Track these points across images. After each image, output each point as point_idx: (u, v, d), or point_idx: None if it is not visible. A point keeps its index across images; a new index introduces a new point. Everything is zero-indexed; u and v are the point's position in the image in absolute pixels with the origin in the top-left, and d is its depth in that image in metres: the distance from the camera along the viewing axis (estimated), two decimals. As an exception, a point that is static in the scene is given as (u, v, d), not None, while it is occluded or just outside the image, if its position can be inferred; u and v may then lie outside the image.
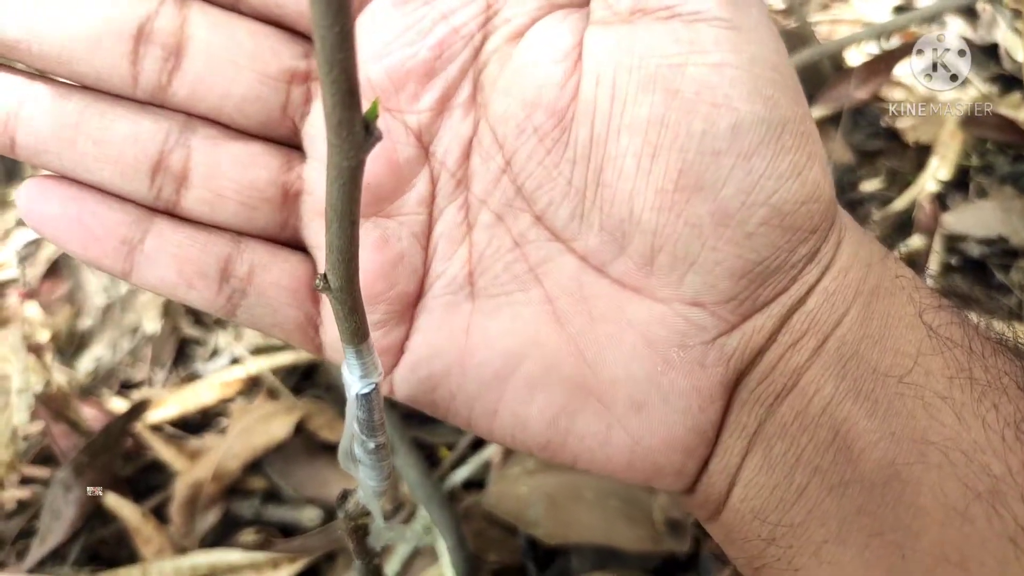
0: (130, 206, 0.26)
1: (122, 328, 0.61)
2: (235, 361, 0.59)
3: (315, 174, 0.26)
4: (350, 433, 0.23)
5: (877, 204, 0.62)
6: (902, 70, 0.66)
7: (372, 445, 0.22)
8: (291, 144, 0.27)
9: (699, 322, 0.24)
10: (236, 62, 0.25)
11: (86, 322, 0.62)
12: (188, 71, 0.24)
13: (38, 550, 0.51)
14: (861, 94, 0.63)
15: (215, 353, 0.60)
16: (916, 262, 0.58)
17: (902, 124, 0.65)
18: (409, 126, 0.25)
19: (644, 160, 0.23)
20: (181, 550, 0.52)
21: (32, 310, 0.61)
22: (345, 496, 0.26)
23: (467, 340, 0.26)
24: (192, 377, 0.59)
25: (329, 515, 0.52)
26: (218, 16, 0.25)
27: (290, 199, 0.26)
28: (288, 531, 0.52)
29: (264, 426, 0.53)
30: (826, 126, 0.65)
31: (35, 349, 0.54)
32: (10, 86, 0.24)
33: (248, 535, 0.52)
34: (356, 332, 0.20)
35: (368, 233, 0.26)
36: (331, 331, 0.27)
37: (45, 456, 0.55)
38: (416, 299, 0.27)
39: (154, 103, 0.25)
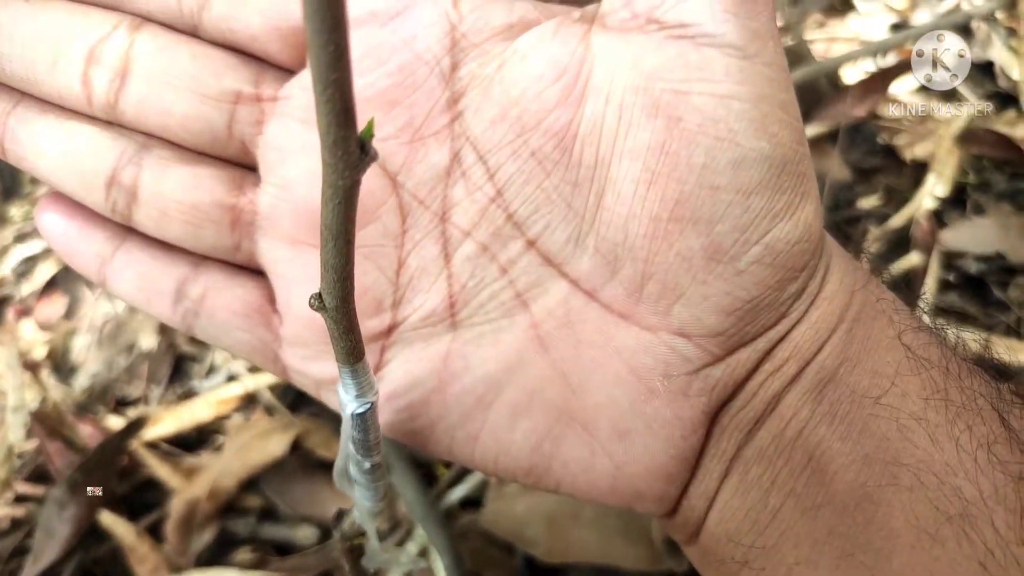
0: (108, 224, 0.28)
1: (118, 345, 0.61)
2: (231, 378, 0.59)
3: (268, 198, 0.26)
4: (345, 453, 0.23)
5: (874, 221, 0.62)
6: (899, 87, 0.66)
7: (368, 465, 0.22)
8: (246, 164, 0.27)
9: (684, 353, 0.24)
10: (175, 83, 0.26)
11: (82, 339, 0.62)
12: (132, 91, 0.26)
13: (31, 569, 0.51)
14: (858, 111, 0.64)
15: (211, 370, 0.60)
16: (913, 279, 0.58)
17: (899, 141, 0.65)
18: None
19: (641, 186, 0.23)
20: (176, 569, 0.52)
21: (28, 327, 0.61)
22: (340, 516, 0.26)
23: (446, 368, 0.26)
24: (188, 394, 0.59)
25: (325, 534, 0.52)
26: (166, 40, 0.26)
27: (241, 223, 0.27)
28: (284, 550, 0.52)
29: (260, 443, 0.53)
30: (823, 143, 0.65)
31: (31, 366, 0.54)
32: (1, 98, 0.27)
33: (244, 554, 0.51)
34: (351, 352, 0.20)
35: None
36: (292, 355, 0.27)
37: (40, 474, 0.54)
38: (387, 332, 0.26)
39: (112, 121, 0.27)
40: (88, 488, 0.50)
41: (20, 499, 0.53)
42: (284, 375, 0.28)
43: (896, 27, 0.72)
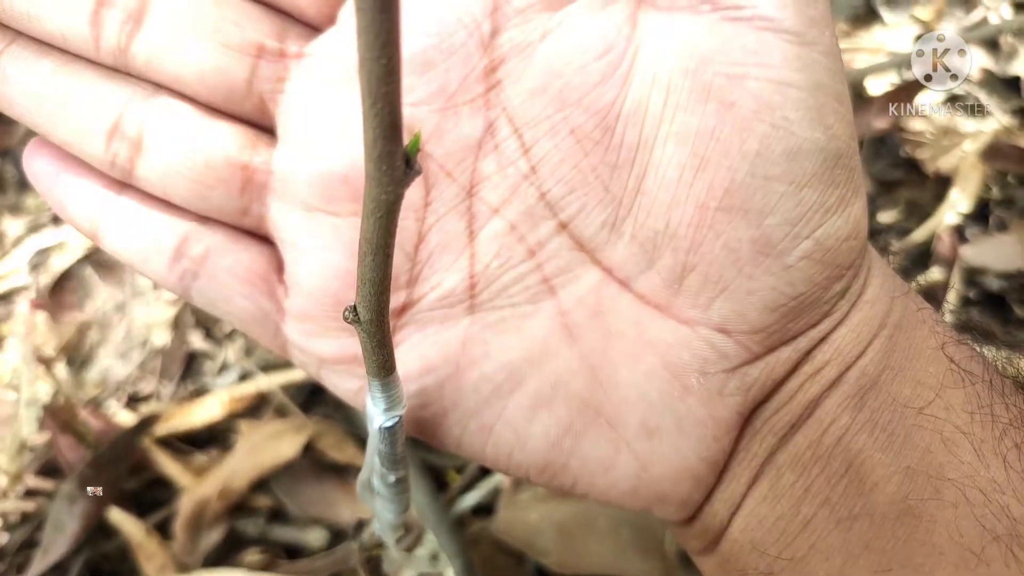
0: (104, 174, 0.26)
1: (131, 340, 0.61)
2: (244, 377, 0.59)
3: (284, 160, 0.25)
4: (370, 465, 0.22)
5: (896, 235, 0.62)
6: (924, 100, 0.65)
7: (392, 479, 0.22)
8: (261, 126, 0.26)
9: (723, 349, 0.23)
10: (195, 29, 0.24)
11: (95, 333, 0.61)
12: (147, 35, 0.24)
13: (40, 563, 0.51)
14: (881, 123, 0.63)
15: (224, 368, 0.60)
16: (934, 295, 0.57)
17: (922, 155, 0.64)
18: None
19: (688, 172, 0.22)
20: (184, 568, 0.51)
21: (42, 320, 0.60)
22: (360, 526, 0.25)
23: (464, 353, 0.24)
24: (200, 391, 0.59)
25: (335, 537, 0.52)
26: None
27: (254, 185, 0.25)
28: (293, 552, 0.51)
29: (272, 444, 0.53)
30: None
31: (44, 360, 0.54)
32: None
33: (252, 554, 0.51)
34: (383, 366, 0.19)
35: (341, 235, 0.24)
36: (296, 329, 0.25)
37: (51, 468, 0.54)
38: (400, 311, 0.25)
39: (118, 68, 0.25)
40: (88, 488, 0.50)
41: (31, 493, 0.53)
42: (283, 350, 0.26)
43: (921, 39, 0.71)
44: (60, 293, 0.64)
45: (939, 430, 0.22)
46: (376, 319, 0.18)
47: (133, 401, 0.58)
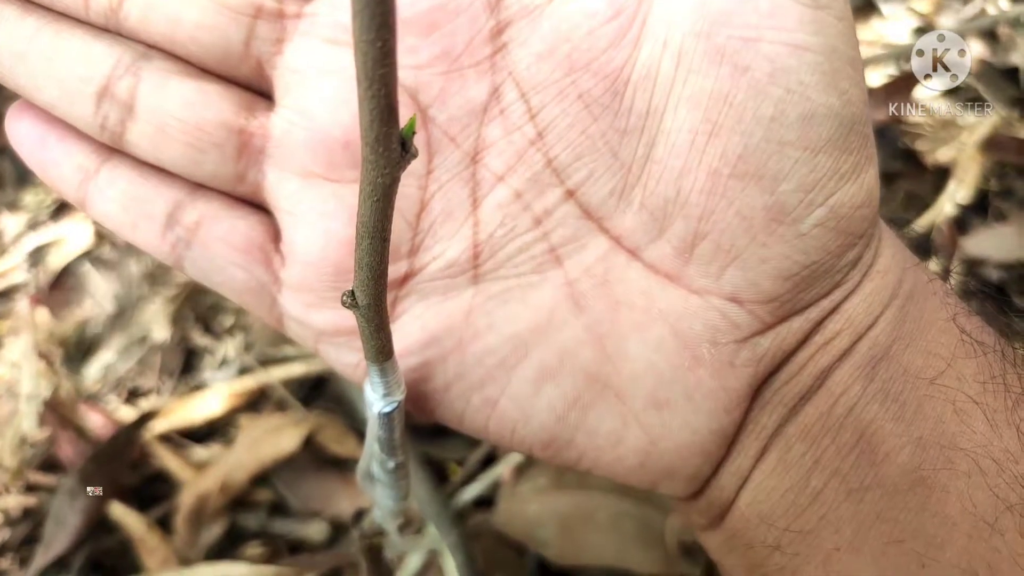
0: (92, 139, 0.25)
1: (131, 336, 0.61)
2: (244, 371, 0.59)
3: (282, 124, 0.24)
4: (369, 451, 0.22)
5: (895, 227, 0.62)
6: (922, 92, 0.65)
7: (392, 464, 0.22)
8: (259, 90, 0.25)
9: (734, 319, 0.22)
10: None
11: (95, 328, 0.61)
12: None
13: (42, 558, 0.51)
14: (880, 115, 0.63)
15: (224, 363, 0.60)
16: (934, 286, 0.57)
17: (921, 146, 0.64)
18: (403, 82, 0.22)
19: (700, 137, 0.21)
20: (185, 562, 0.51)
21: (42, 315, 0.60)
22: (360, 515, 0.25)
23: (468, 325, 0.24)
24: (200, 386, 0.59)
25: (336, 530, 0.52)
26: None
27: (250, 150, 0.24)
28: (294, 546, 0.51)
29: (272, 438, 0.53)
30: (844, 146, 0.65)
31: (44, 355, 0.54)
32: None
33: (254, 548, 0.51)
34: (381, 350, 0.19)
35: (341, 201, 0.24)
36: (293, 301, 0.25)
37: (52, 463, 0.54)
38: (401, 281, 0.24)
39: (109, 28, 0.24)
40: (88, 488, 0.50)
41: (32, 488, 0.53)
42: (279, 323, 0.26)
43: (920, 31, 0.71)
44: (59, 290, 0.64)
45: (951, 400, 0.22)
46: (374, 303, 0.18)
47: (133, 396, 0.58)
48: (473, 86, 0.23)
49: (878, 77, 0.66)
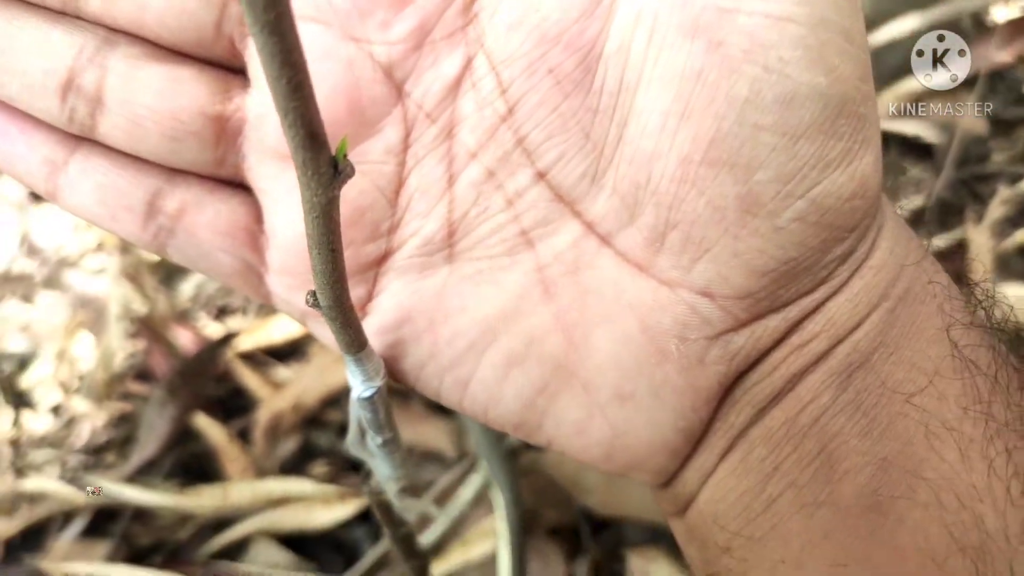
0: (58, 129, 0.23)
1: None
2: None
3: (257, 105, 0.23)
4: (355, 427, 0.23)
5: (1006, 181, 0.57)
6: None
7: (380, 441, 0.23)
8: (233, 68, 0.23)
9: (705, 314, 0.21)
10: None
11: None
12: None
13: (137, 456, 0.56)
14: (1003, 56, 0.57)
15: (306, 287, 0.63)
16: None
17: (1048, 92, 0.58)
18: (377, 59, 0.21)
19: (671, 119, 0.20)
20: (262, 472, 0.56)
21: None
22: (370, 473, 0.27)
23: (440, 305, 0.23)
24: (283, 308, 0.62)
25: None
26: None
27: (228, 134, 0.23)
28: (358, 466, 0.55)
29: (339, 366, 0.55)
30: (958, 89, 0.59)
31: (133, 278, 0.58)
32: None
33: (321, 467, 0.55)
34: (351, 344, 0.20)
35: None
36: (278, 283, 0.24)
37: (147, 374, 0.59)
38: (381, 258, 0.24)
39: (68, 12, 0.22)
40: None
41: (129, 396, 0.58)
42: (268, 300, 0.25)
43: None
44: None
45: (925, 422, 0.20)
46: (334, 304, 0.18)
47: (221, 314, 0.62)
48: (446, 59, 0.22)
49: (1007, 12, 0.60)
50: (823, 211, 0.20)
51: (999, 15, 0.60)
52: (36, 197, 0.68)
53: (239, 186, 0.24)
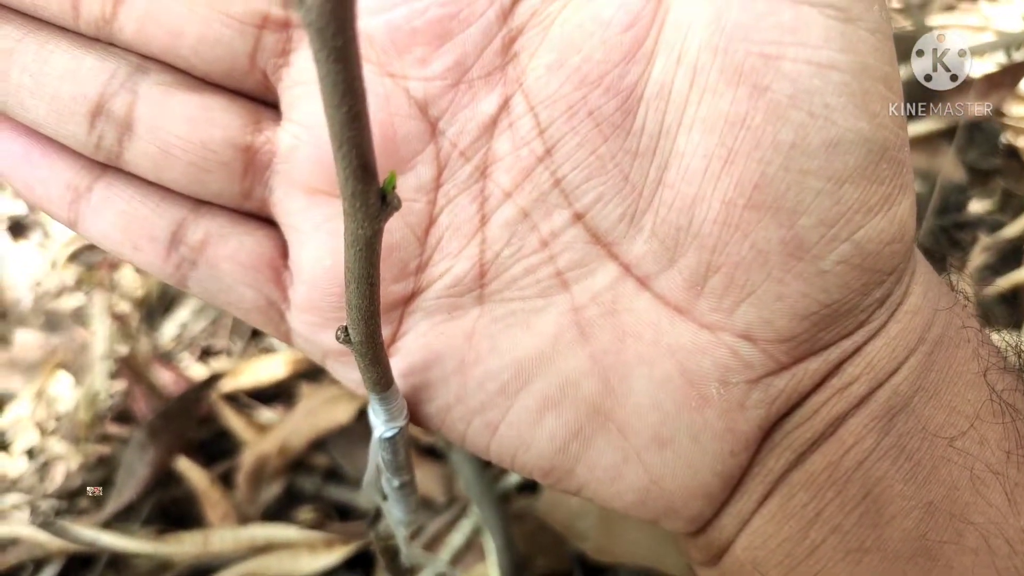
0: (81, 155, 0.23)
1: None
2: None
3: (290, 139, 0.22)
4: (374, 467, 0.23)
5: (986, 229, 0.58)
6: (1029, 85, 0.61)
7: (397, 483, 0.22)
8: (264, 100, 0.23)
9: (747, 358, 0.21)
10: None
11: (175, 288, 0.64)
12: (136, 3, 0.21)
13: (114, 502, 0.54)
14: (980, 108, 0.59)
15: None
16: (1020, 296, 0.54)
17: (1022, 143, 0.60)
18: (413, 95, 0.21)
19: (715, 163, 0.20)
20: (245, 517, 0.54)
21: (126, 275, 0.64)
22: (378, 516, 0.26)
23: (470, 347, 0.23)
24: (269, 349, 0.61)
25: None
26: None
27: (256, 167, 0.23)
28: (345, 512, 0.53)
29: (329, 408, 0.54)
30: (938, 140, 0.61)
31: (118, 316, 0.57)
32: None
33: (307, 513, 0.53)
34: (378, 382, 0.19)
35: None
36: (300, 320, 0.24)
37: (127, 416, 0.57)
38: (408, 298, 0.23)
39: (101, 39, 0.22)
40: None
41: (108, 438, 0.56)
42: (287, 339, 0.25)
43: (1036, 15, 0.66)
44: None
45: (969, 466, 0.20)
46: (367, 340, 0.18)
47: (205, 355, 0.61)
48: (484, 98, 0.22)
49: (983, 66, 0.62)
50: (866, 255, 0.20)
51: (975, 68, 0.62)
52: (15, 233, 0.67)
53: (264, 220, 0.24)
